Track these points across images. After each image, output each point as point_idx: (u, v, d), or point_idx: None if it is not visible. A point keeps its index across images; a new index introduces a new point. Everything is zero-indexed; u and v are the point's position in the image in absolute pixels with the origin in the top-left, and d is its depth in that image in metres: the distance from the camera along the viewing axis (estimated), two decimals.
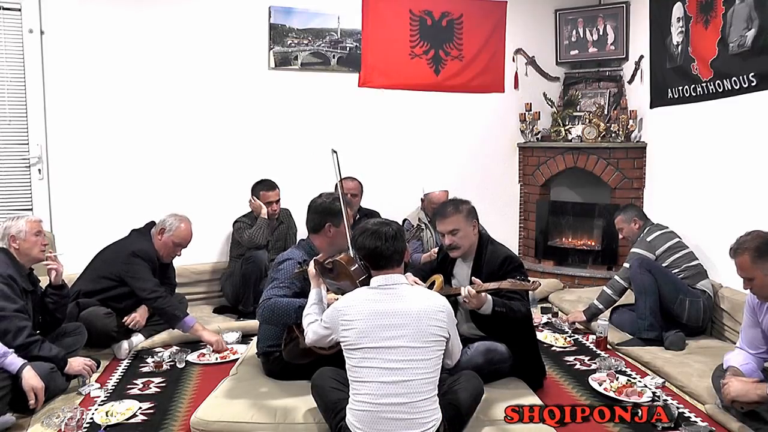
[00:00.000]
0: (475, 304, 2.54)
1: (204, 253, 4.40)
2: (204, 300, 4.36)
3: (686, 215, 4.03)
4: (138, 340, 3.50)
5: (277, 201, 4.22)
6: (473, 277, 2.60)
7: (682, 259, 3.64)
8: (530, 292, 2.77)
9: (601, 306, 3.79)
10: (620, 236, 4.08)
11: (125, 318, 3.43)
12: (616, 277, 3.76)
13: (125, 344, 3.40)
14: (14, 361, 2.57)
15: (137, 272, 3.40)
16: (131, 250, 3.43)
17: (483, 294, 2.55)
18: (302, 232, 4.19)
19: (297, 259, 2.70)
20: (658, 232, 3.75)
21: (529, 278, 2.78)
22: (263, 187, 4.18)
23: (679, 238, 3.76)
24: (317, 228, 2.81)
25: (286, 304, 2.54)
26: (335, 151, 2.68)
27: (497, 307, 2.62)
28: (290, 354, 2.63)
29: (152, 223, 3.62)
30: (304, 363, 2.58)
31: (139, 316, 3.46)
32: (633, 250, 3.77)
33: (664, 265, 3.62)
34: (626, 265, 3.70)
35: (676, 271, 3.60)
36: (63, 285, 3.03)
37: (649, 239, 3.72)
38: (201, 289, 4.37)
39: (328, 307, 2.30)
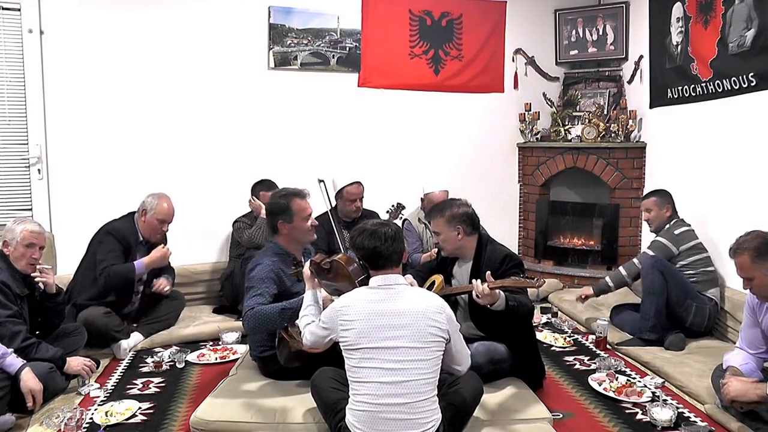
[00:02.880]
0: (489, 300, 2.51)
1: (204, 253, 4.41)
2: (204, 300, 4.36)
3: (686, 215, 4.01)
4: (137, 339, 3.50)
5: None
6: (488, 273, 2.56)
7: (700, 263, 3.58)
8: (535, 290, 2.75)
9: (611, 284, 3.76)
10: (644, 216, 3.87)
11: (153, 282, 3.57)
12: (635, 260, 3.73)
13: (124, 344, 3.40)
14: (13, 362, 2.57)
15: (103, 248, 3.45)
16: (106, 229, 3.52)
17: (497, 291, 2.52)
18: None
19: (267, 264, 2.70)
20: (685, 228, 3.66)
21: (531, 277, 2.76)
22: (263, 187, 4.18)
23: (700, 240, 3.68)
24: (274, 230, 2.86)
25: (269, 310, 2.54)
26: (322, 181, 2.71)
27: (510, 302, 2.58)
28: (284, 358, 2.64)
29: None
30: (299, 366, 2.59)
31: (165, 281, 3.61)
32: (657, 239, 3.66)
33: (683, 263, 3.56)
34: (648, 251, 3.63)
35: (692, 272, 3.54)
36: (57, 293, 3.02)
37: (676, 232, 3.62)
38: (201, 289, 4.37)
39: (324, 308, 2.30)
